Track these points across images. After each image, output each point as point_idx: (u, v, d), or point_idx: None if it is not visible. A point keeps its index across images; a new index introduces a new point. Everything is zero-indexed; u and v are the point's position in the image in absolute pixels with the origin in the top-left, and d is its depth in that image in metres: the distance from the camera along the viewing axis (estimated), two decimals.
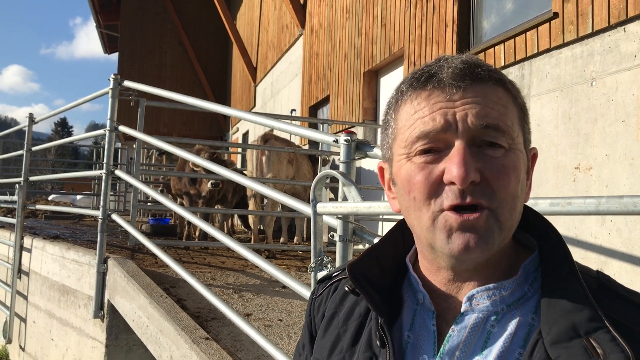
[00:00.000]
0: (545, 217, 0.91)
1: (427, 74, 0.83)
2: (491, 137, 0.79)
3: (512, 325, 0.80)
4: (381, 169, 0.97)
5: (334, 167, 7.70)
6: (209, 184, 6.30)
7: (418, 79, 0.83)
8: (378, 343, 0.87)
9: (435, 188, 0.79)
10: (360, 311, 0.95)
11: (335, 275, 1.05)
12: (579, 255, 3.56)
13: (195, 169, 6.23)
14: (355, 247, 2.13)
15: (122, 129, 4.88)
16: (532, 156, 0.88)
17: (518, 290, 0.83)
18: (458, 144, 0.78)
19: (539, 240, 0.87)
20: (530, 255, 0.86)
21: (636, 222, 3.23)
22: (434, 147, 0.80)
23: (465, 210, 0.77)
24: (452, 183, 0.77)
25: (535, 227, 0.88)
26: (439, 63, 0.83)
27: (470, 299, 0.83)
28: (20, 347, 6.54)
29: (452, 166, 0.77)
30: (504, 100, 0.81)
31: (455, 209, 0.78)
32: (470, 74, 0.80)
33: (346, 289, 0.96)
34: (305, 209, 2.46)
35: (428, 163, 0.80)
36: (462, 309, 0.83)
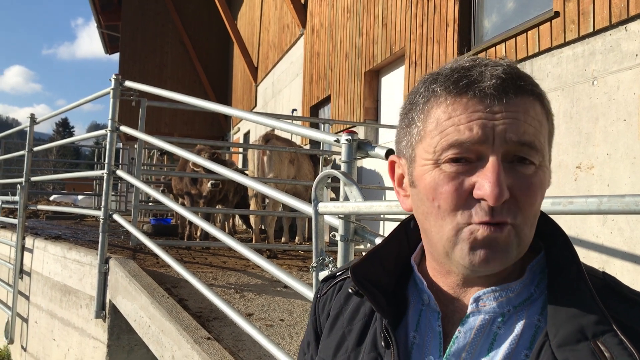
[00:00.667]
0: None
1: (466, 79, 0.79)
2: (525, 153, 0.77)
3: (518, 327, 0.80)
4: (392, 163, 0.93)
5: (336, 166, 7.70)
6: (208, 184, 6.30)
7: (456, 82, 0.79)
8: (383, 344, 0.87)
9: (464, 200, 0.77)
10: (365, 311, 0.94)
11: (340, 275, 1.05)
12: (580, 254, 3.53)
13: (196, 169, 6.23)
14: (357, 247, 2.13)
15: (124, 129, 4.88)
16: None
17: (524, 292, 0.82)
18: (493, 160, 0.76)
19: (545, 241, 0.86)
20: (536, 256, 0.85)
21: (638, 221, 3.22)
22: (465, 156, 0.78)
23: (492, 225, 0.76)
24: (483, 199, 0.75)
25: (542, 227, 0.86)
26: (480, 69, 0.79)
27: (476, 300, 0.82)
28: (22, 347, 6.55)
29: (485, 182, 0.75)
30: (540, 116, 0.79)
31: (479, 224, 0.77)
32: (513, 87, 0.78)
33: (350, 290, 0.95)
34: (306, 208, 2.46)
35: (459, 173, 0.78)
36: (469, 311, 0.83)
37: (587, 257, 3.51)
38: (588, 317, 0.74)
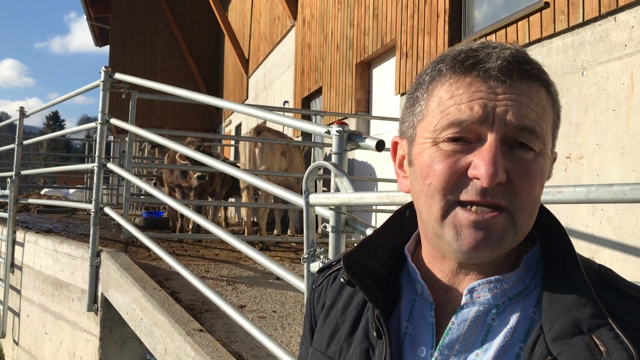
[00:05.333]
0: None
1: (472, 59, 0.78)
2: (525, 138, 0.76)
3: (513, 319, 0.79)
4: (395, 144, 0.92)
5: (327, 158, 7.70)
6: (194, 176, 6.28)
7: (462, 62, 0.78)
8: (375, 334, 0.86)
9: (456, 179, 0.76)
10: (358, 301, 0.93)
11: (335, 265, 1.04)
12: None
13: (183, 161, 6.21)
14: (348, 239, 2.13)
15: (114, 121, 4.86)
16: (552, 159, 0.86)
17: (520, 284, 0.81)
18: (491, 140, 0.75)
19: (540, 232, 0.85)
20: (532, 247, 0.84)
21: (627, 210, 3.25)
22: (464, 136, 0.77)
23: (482, 207, 0.75)
24: (477, 179, 0.74)
25: (538, 218, 0.85)
26: (487, 50, 0.78)
27: (471, 291, 0.81)
28: (14, 341, 6.53)
29: (481, 162, 0.74)
30: (544, 102, 0.78)
31: (469, 204, 0.75)
32: (518, 70, 0.76)
33: (342, 280, 0.94)
34: (297, 200, 2.46)
35: (456, 152, 0.77)
36: (463, 302, 0.81)
37: (576, 246, 3.50)
38: (583, 311, 0.73)
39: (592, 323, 0.72)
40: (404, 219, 0.96)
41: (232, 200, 8.97)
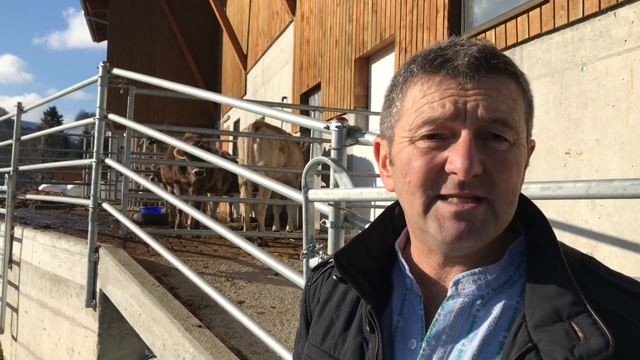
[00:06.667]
0: (536, 201, 0.91)
1: (441, 57, 0.81)
2: (498, 130, 0.78)
3: (497, 309, 0.81)
4: (377, 145, 0.96)
5: (326, 154, 7.68)
6: (192, 172, 6.26)
7: (432, 61, 0.81)
8: (367, 328, 0.89)
9: (434, 175, 0.79)
10: (352, 297, 0.96)
11: (330, 262, 1.06)
12: (569, 239, 3.58)
13: (181, 157, 6.19)
14: (347, 234, 2.13)
15: (112, 117, 4.84)
16: (530, 148, 0.88)
17: (503, 274, 0.84)
18: (464, 135, 0.77)
19: (525, 224, 0.88)
20: (517, 239, 0.87)
21: (626, 206, 3.25)
22: (439, 133, 0.79)
23: (462, 199, 0.77)
24: (454, 173, 0.77)
25: (522, 210, 0.88)
26: (455, 48, 0.81)
27: (456, 283, 0.84)
28: (13, 337, 6.53)
29: (456, 157, 0.76)
30: (514, 94, 0.81)
31: (450, 197, 0.78)
32: (486, 65, 0.79)
33: (334, 277, 0.97)
34: (296, 196, 2.46)
35: (432, 149, 0.79)
36: (449, 294, 0.84)
37: (575, 242, 3.53)
38: (564, 299, 0.76)
39: (572, 310, 0.75)
40: (394, 215, 0.99)
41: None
